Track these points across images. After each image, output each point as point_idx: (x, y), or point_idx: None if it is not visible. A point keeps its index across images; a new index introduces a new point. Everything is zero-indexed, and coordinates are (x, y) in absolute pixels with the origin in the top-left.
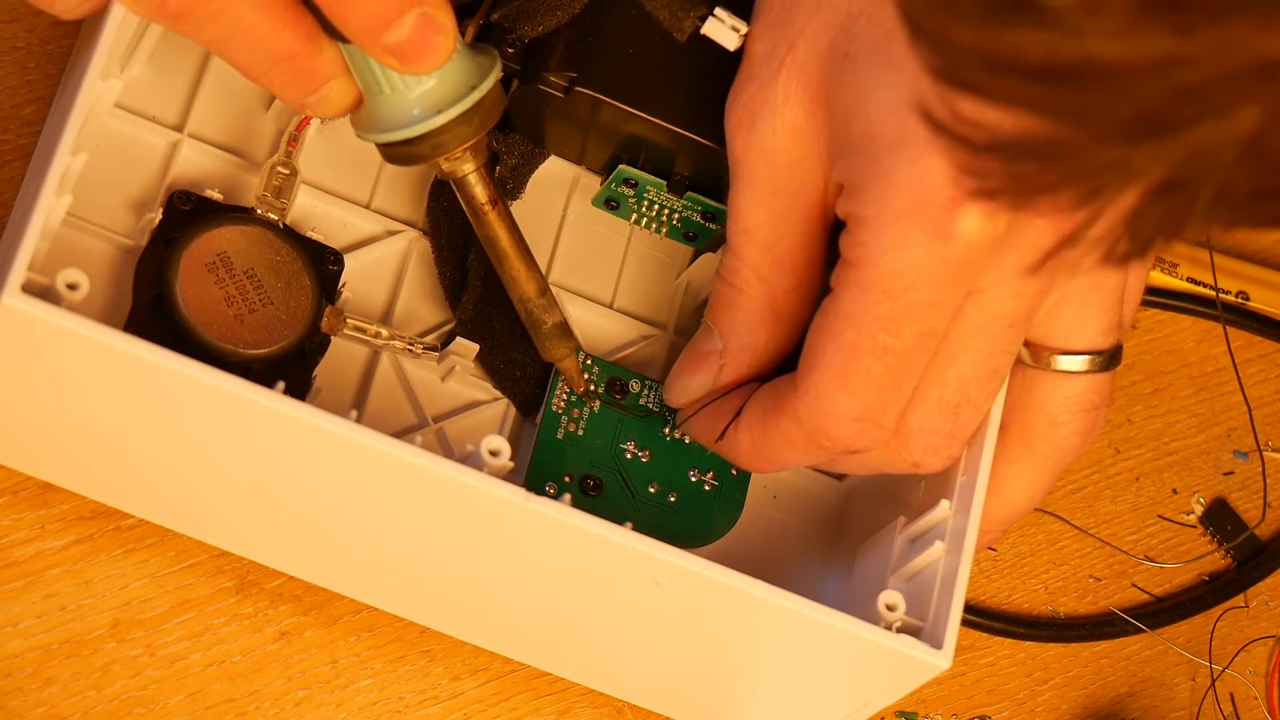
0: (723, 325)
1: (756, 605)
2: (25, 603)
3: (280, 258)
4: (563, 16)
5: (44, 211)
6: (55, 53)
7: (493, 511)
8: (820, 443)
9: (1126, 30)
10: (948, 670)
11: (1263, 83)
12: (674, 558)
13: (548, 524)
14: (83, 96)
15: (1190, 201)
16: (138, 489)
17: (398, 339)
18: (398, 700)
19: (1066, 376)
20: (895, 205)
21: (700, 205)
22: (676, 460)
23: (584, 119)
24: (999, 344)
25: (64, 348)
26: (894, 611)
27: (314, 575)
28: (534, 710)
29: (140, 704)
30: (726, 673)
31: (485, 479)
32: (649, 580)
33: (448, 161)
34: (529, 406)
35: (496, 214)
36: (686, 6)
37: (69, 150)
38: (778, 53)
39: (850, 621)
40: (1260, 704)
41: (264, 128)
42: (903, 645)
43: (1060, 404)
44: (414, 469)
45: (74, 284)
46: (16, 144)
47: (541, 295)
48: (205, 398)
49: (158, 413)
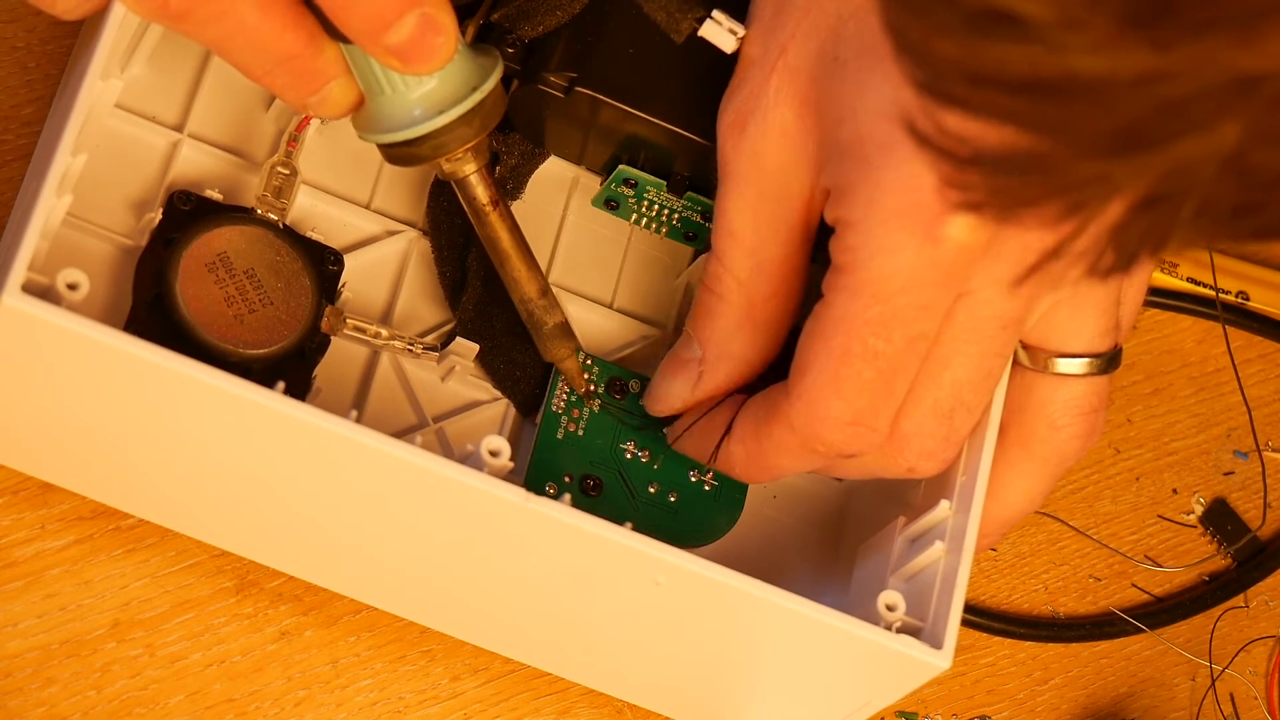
0: (702, 333)
1: (756, 605)
2: (25, 603)
3: (280, 258)
4: (563, 16)
5: (44, 211)
6: (55, 53)
7: (493, 512)
8: (814, 448)
9: (1107, 46)
10: (948, 670)
11: (1242, 98)
12: (674, 558)
13: (548, 524)
14: (83, 97)
15: (1173, 216)
16: (138, 489)
17: (397, 339)
18: (398, 700)
19: (1065, 379)
20: (883, 209)
21: (700, 205)
22: (676, 460)
23: (584, 119)
24: (992, 346)
25: (64, 347)
26: (894, 611)
27: (314, 575)
28: (534, 710)
29: (140, 704)
30: (726, 673)
31: (485, 479)
32: (649, 580)
33: (449, 162)
34: (529, 406)
35: (498, 215)
36: (684, 9)
37: (69, 150)
38: (769, 56)
39: (850, 621)
40: (1260, 704)
41: (264, 128)
42: (903, 645)
43: (1059, 407)
44: (414, 469)
45: (74, 284)
46: (16, 144)
47: (543, 296)
48: (205, 398)
49: (158, 413)
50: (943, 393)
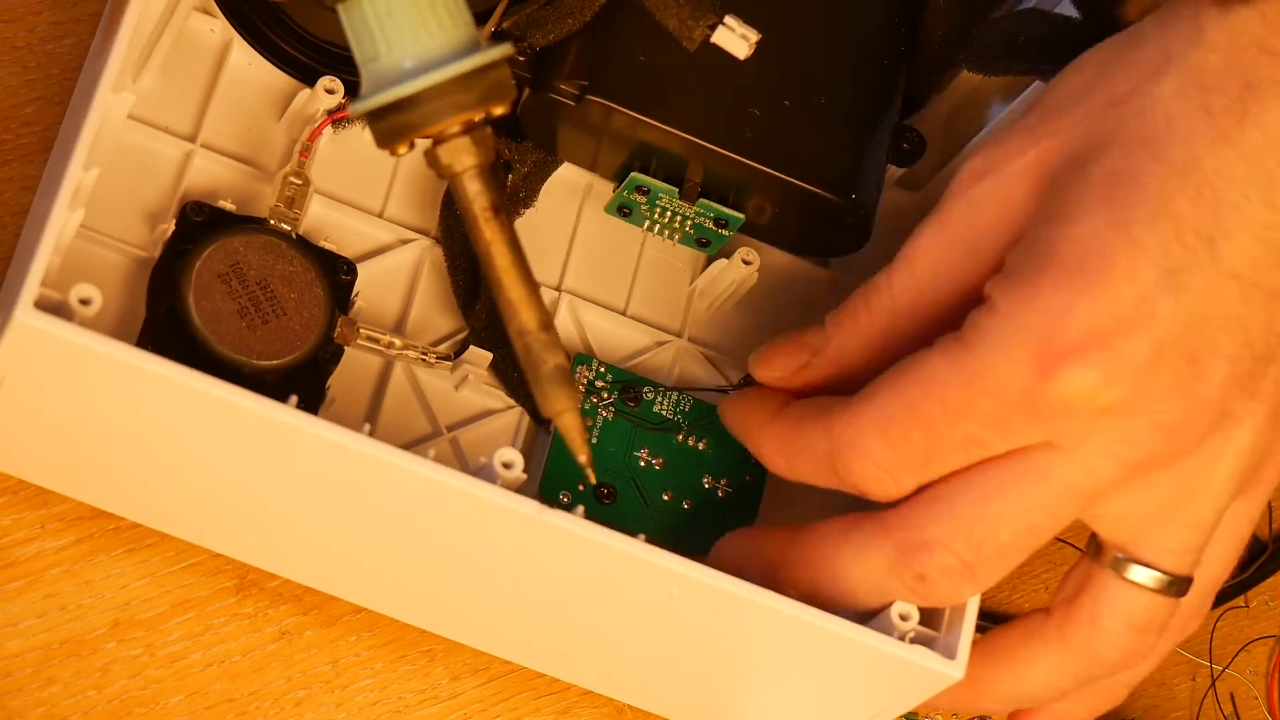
0: (835, 329)
1: (769, 616)
2: (25, 603)
3: (293, 268)
4: (574, 24)
5: (57, 226)
6: (55, 53)
7: (506, 524)
8: (836, 467)
9: None
10: None
11: None
12: (687, 569)
13: (561, 536)
14: (94, 110)
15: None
16: (151, 500)
17: (410, 349)
18: (398, 700)
19: (1123, 584)
20: (1024, 317)
21: (713, 212)
22: (690, 467)
23: (595, 126)
24: (1048, 500)
25: (77, 363)
26: (907, 621)
27: (328, 585)
28: (534, 710)
29: (140, 704)
30: (738, 680)
31: (499, 491)
32: (663, 591)
33: (446, 150)
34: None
35: (497, 225)
36: (697, 15)
37: (81, 165)
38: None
39: (863, 632)
40: (1260, 704)
41: (277, 137)
42: (916, 655)
43: (1108, 608)
44: (427, 482)
45: (86, 299)
46: (17, 144)
47: (544, 330)
48: (217, 411)
49: (169, 426)
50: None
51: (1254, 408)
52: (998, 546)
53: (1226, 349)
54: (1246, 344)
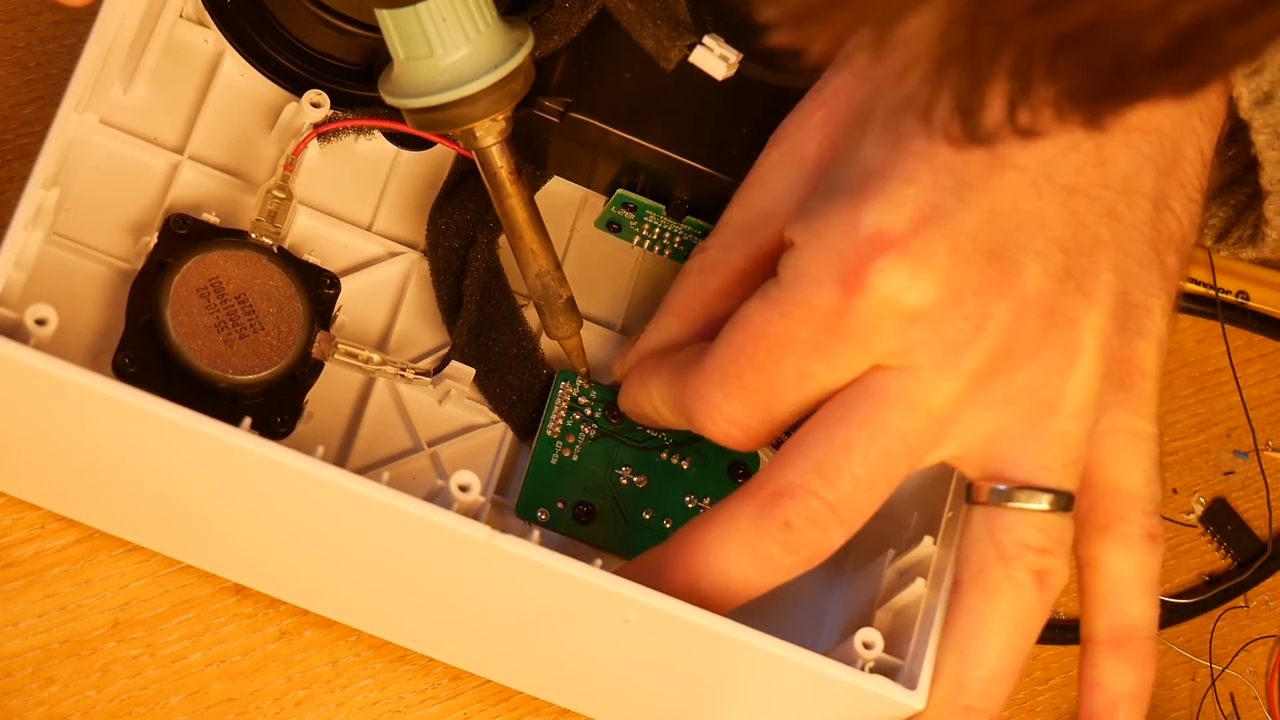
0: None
1: (726, 643)
2: (25, 603)
3: (273, 282)
4: (560, 41)
5: (16, 247)
6: (55, 53)
7: (459, 548)
8: (693, 425)
9: None
10: None
11: None
12: (642, 595)
13: (514, 561)
14: (55, 131)
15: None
16: (120, 514)
17: (390, 364)
18: (398, 700)
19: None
20: (821, 243)
21: (701, 229)
22: (671, 486)
23: (582, 142)
24: (891, 419)
25: (30, 383)
26: (870, 650)
27: (299, 599)
28: (534, 710)
29: (140, 704)
30: (702, 704)
31: (450, 516)
32: (619, 617)
33: (481, 128)
34: (527, 430)
35: (518, 187)
36: (674, 36)
37: (40, 184)
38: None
39: (822, 662)
40: (1260, 704)
41: (265, 150)
42: (876, 686)
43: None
44: (380, 506)
45: (43, 319)
46: (16, 144)
47: (557, 269)
48: (170, 433)
49: (126, 445)
50: (833, 449)
51: (1087, 307)
52: (854, 480)
53: (1031, 244)
54: (1051, 239)
